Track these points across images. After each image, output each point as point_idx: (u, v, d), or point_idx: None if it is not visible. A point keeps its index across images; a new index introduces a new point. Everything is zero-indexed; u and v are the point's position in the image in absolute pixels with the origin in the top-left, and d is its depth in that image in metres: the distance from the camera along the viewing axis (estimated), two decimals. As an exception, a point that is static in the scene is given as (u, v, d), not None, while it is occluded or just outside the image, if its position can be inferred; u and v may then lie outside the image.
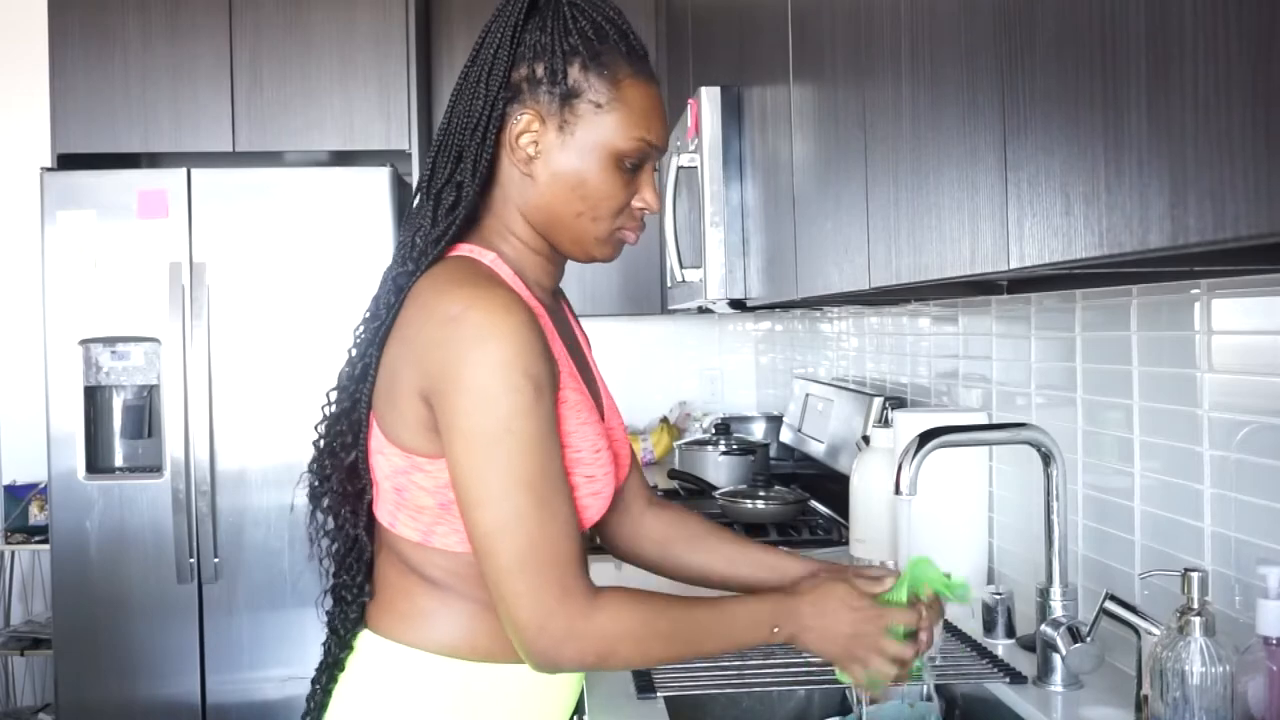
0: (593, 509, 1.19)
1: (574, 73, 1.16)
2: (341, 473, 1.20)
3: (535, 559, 1.07)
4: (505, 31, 1.16)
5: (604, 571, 1.89)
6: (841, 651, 1.19)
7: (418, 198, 1.23)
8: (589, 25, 1.16)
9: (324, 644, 1.27)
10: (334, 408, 1.22)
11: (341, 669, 1.24)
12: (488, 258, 1.19)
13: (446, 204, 1.18)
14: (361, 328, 1.22)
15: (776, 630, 1.17)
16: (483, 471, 1.07)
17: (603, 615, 1.10)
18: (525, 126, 1.17)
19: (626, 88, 1.17)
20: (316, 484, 1.24)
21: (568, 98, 1.16)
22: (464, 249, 1.20)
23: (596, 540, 1.41)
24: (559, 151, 1.17)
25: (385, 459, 1.17)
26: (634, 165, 1.19)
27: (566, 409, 1.16)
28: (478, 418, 1.07)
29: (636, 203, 1.21)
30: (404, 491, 1.16)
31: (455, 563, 1.17)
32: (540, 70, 1.16)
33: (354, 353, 1.21)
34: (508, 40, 1.16)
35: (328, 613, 1.27)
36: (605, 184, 1.18)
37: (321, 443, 1.24)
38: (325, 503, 1.24)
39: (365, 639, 1.23)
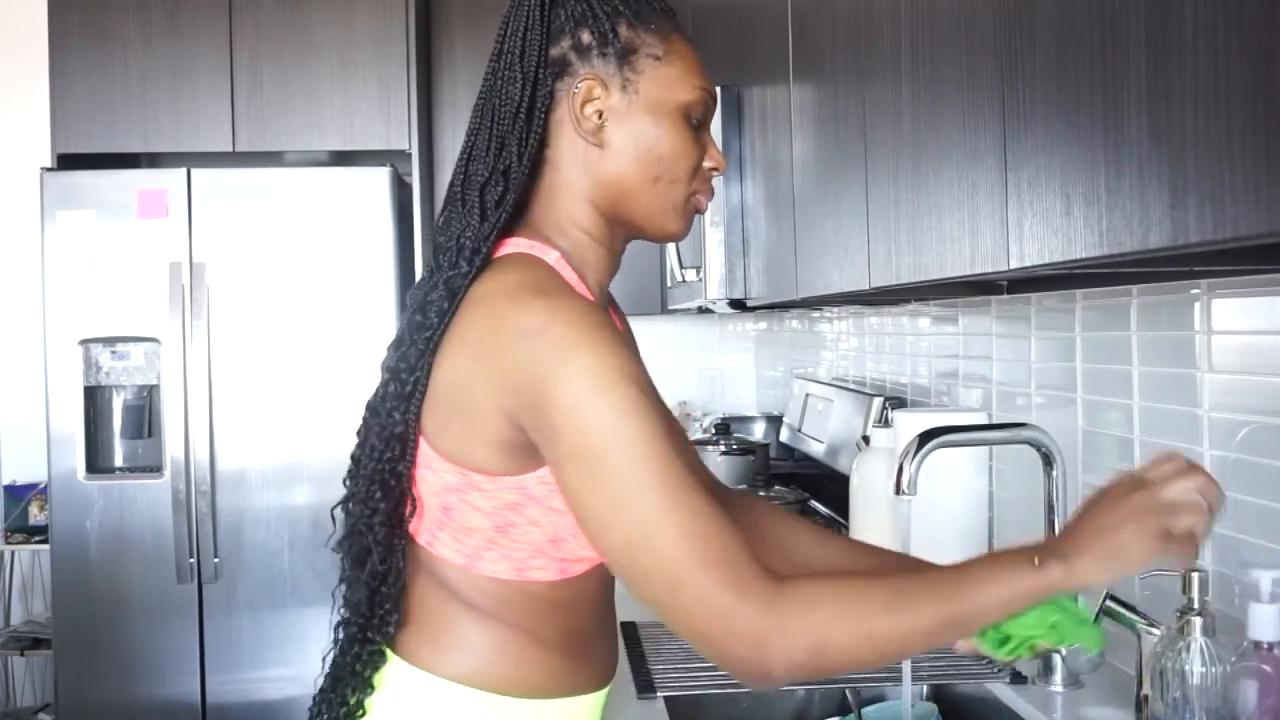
0: None
1: (624, 30, 1.10)
2: (391, 502, 1.10)
3: (691, 563, 0.94)
4: (531, 12, 1.10)
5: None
6: (1132, 537, 0.94)
7: (448, 210, 1.13)
8: None
9: (335, 679, 1.14)
10: (382, 433, 1.09)
11: (364, 712, 1.12)
12: (551, 256, 1.10)
13: (494, 197, 1.09)
14: (407, 341, 1.10)
15: (1038, 560, 0.94)
16: (602, 489, 0.97)
17: (796, 600, 0.93)
18: (587, 94, 1.09)
19: (674, 41, 1.13)
20: (366, 516, 1.11)
21: (625, 55, 1.10)
22: (519, 244, 1.11)
23: None
24: (627, 113, 1.10)
25: (434, 475, 1.08)
26: (699, 121, 1.13)
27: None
28: (581, 434, 0.97)
29: (707, 163, 1.15)
30: (452, 511, 1.07)
31: (503, 590, 1.08)
32: (586, 36, 1.10)
33: (400, 367, 1.09)
34: (536, 20, 1.10)
35: (342, 644, 1.15)
36: (679, 141, 1.11)
37: (365, 473, 1.11)
38: (371, 537, 1.10)
39: (397, 669, 1.11)
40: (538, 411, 0.99)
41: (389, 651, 1.12)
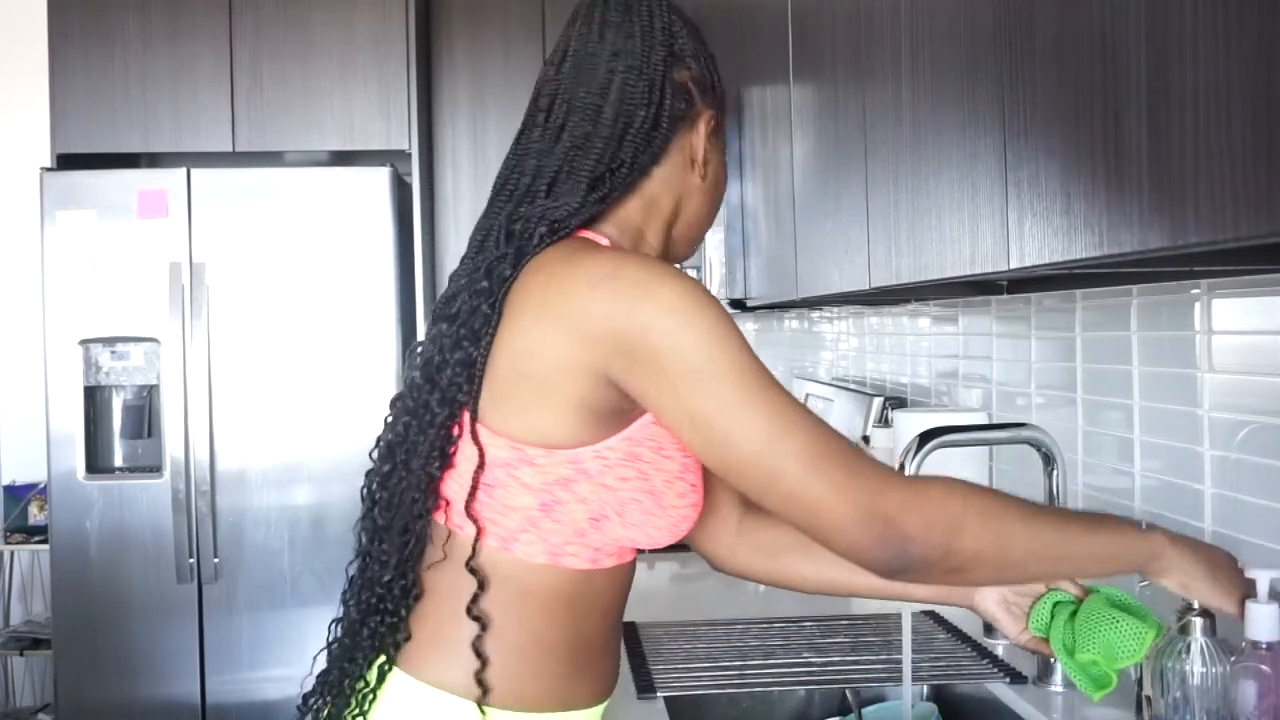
0: (693, 517, 1.11)
1: (720, 84, 1.19)
2: (430, 492, 1.08)
3: (826, 449, 0.96)
4: (656, 28, 1.13)
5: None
6: (1231, 578, 1.10)
7: (522, 167, 1.11)
8: (703, 39, 1.20)
9: (329, 676, 1.13)
10: (437, 397, 1.07)
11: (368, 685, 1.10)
12: (602, 242, 1.10)
13: (600, 192, 1.09)
14: (467, 308, 1.07)
15: (1145, 526, 1.07)
16: (725, 395, 0.97)
17: (936, 485, 0.98)
18: (709, 130, 1.16)
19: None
20: (423, 480, 1.08)
21: (720, 103, 1.19)
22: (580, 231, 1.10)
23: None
24: (715, 154, 1.19)
25: (487, 450, 1.04)
26: None
27: None
28: (688, 354, 0.97)
29: None
30: (496, 489, 1.05)
31: (531, 577, 1.06)
32: (700, 73, 1.16)
33: (463, 333, 1.06)
34: (659, 36, 1.13)
35: (341, 640, 1.13)
36: (726, 186, 1.24)
37: (429, 433, 1.07)
38: (427, 497, 1.08)
39: (393, 677, 1.09)
40: (631, 351, 0.98)
41: (394, 665, 1.09)
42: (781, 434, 0.96)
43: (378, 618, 1.09)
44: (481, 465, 1.05)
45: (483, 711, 1.05)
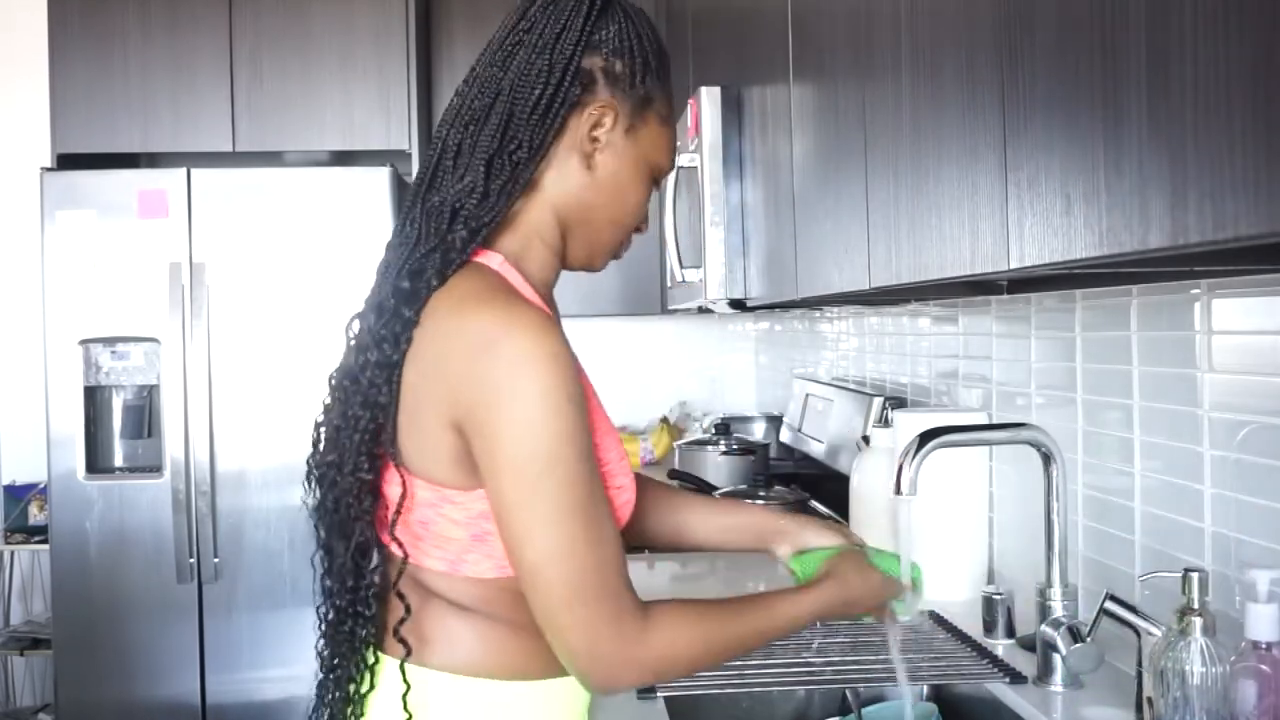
0: (624, 516, 1.15)
1: (650, 81, 1.16)
2: (376, 472, 1.12)
3: (586, 588, 1.03)
4: (575, 15, 1.13)
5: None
6: (857, 610, 1.29)
7: (443, 163, 1.13)
8: (653, 42, 1.18)
9: (326, 670, 1.18)
10: (359, 399, 1.10)
11: (362, 703, 1.16)
12: (495, 261, 1.12)
13: (500, 180, 1.11)
14: (390, 309, 1.09)
15: (818, 624, 1.26)
16: (531, 503, 1.02)
17: (658, 637, 1.07)
18: (600, 118, 1.14)
19: (670, 114, 1.21)
20: (354, 486, 1.12)
21: (642, 104, 1.16)
22: (476, 253, 1.13)
23: None
24: (620, 153, 1.16)
25: (416, 492, 1.10)
26: (655, 185, 1.22)
27: (594, 420, 1.10)
28: (525, 449, 1.01)
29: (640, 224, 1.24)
30: (430, 525, 1.11)
31: (485, 589, 1.12)
32: (620, 67, 1.14)
33: (384, 335, 1.09)
34: (578, 24, 1.12)
35: (333, 623, 1.17)
36: (640, 196, 1.20)
37: (352, 436, 1.11)
38: (361, 501, 1.12)
39: (386, 666, 1.15)
40: (484, 419, 1.03)
41: (380, 654, 1.15)
42: (562, 560, 1.03)
43: (351, 620, 1.15)
44: (404, 502, 1.10)
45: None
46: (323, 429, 1.18)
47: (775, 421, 3.60)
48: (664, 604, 1.10)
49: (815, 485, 2.91)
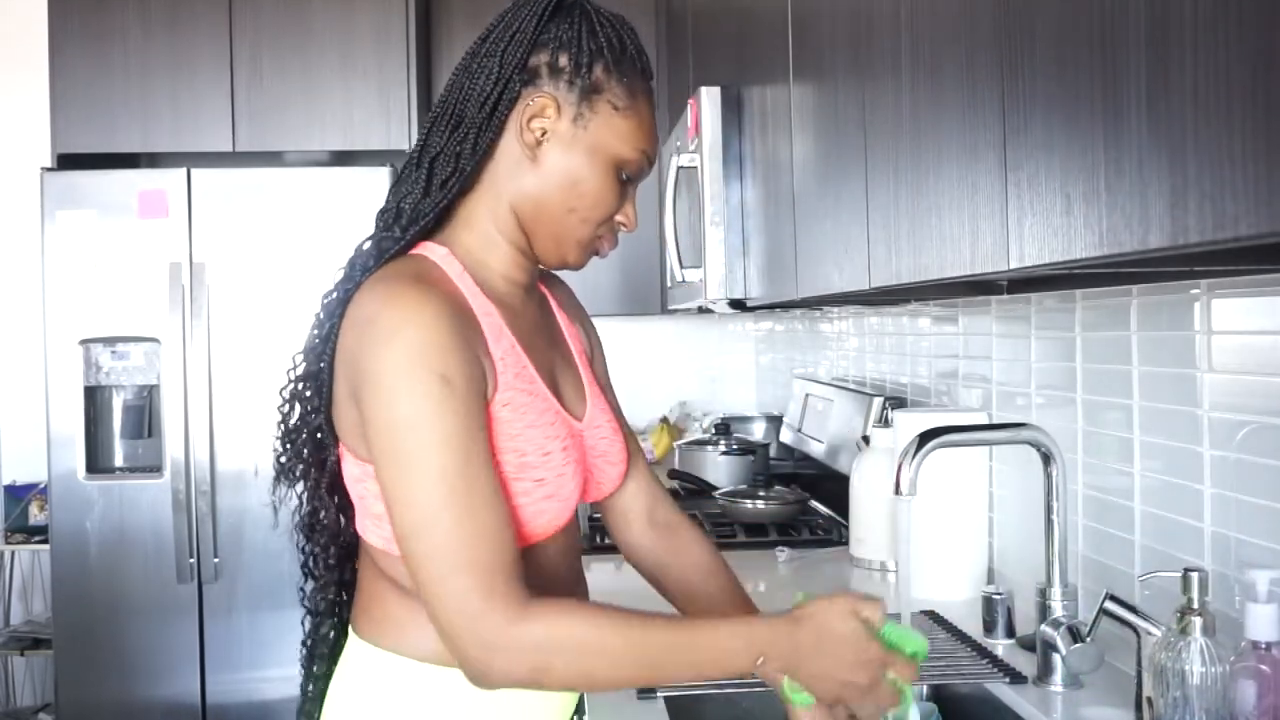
0: (550, 513, 1.15)
1: (598, 71, 1.17)
2: (311, 441, 1.20)
3: (454, 559, 1.02)
4: (528, 17, 1.16)
5: (602, 571, 1.89)
6: (833, 692, 1.08)
7: (406, 168, 1.21)
8: (614, 34, 1.19)
9: (306, 624, 1.27)
10: (299, 370, 1.21)
11: (334, 659, 1.23)
12: (438, 253, 1.18)
13: (441, 175, 1.16)
14: (335, 291, 1.19)
15: (762, 661, 1.06)
16: (396, 470, 1.05)
17: (536, 624, 1.01)
18: (539, 110, 1.16)
19: (640, 100, 1.20)
20: (284, 459, 1.23)
21: (588, 92, 1.16)
22: (419, 245, 1.19)
23: (601, 540, 1.39)
24: (568, 143, 1.17)
25: (346, 468, 1.17)
26: (628, 177, 1.20)
27: (507, 410, 1.12)
28: (386, 415, 1.05)
29: (619, 217, 1.22)
30: (364, 500, 1.16)
31: None
32: (564, 60, 1.16)
33: (321, 315, 1.19)
34: (530, 26, 1.16)
35: (301, 589, 1.28)
36: (603, 188, 1.18)
37: (287, 407, 1.23)
38: (297, 473, 1.23)
39: (350, 642, 1.22)
40: (361, 390, 1.08)
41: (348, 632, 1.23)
42: (428, 529, 1.03)
43: (321, 591, 1.25)
44: (333, 464, 1.19)
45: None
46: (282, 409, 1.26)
47: (775, 421, 3.60)
48: (560, 600, 1.07)
49: (815, 485, 2.91)
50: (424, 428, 1.03)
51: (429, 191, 1.17)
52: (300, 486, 1.22)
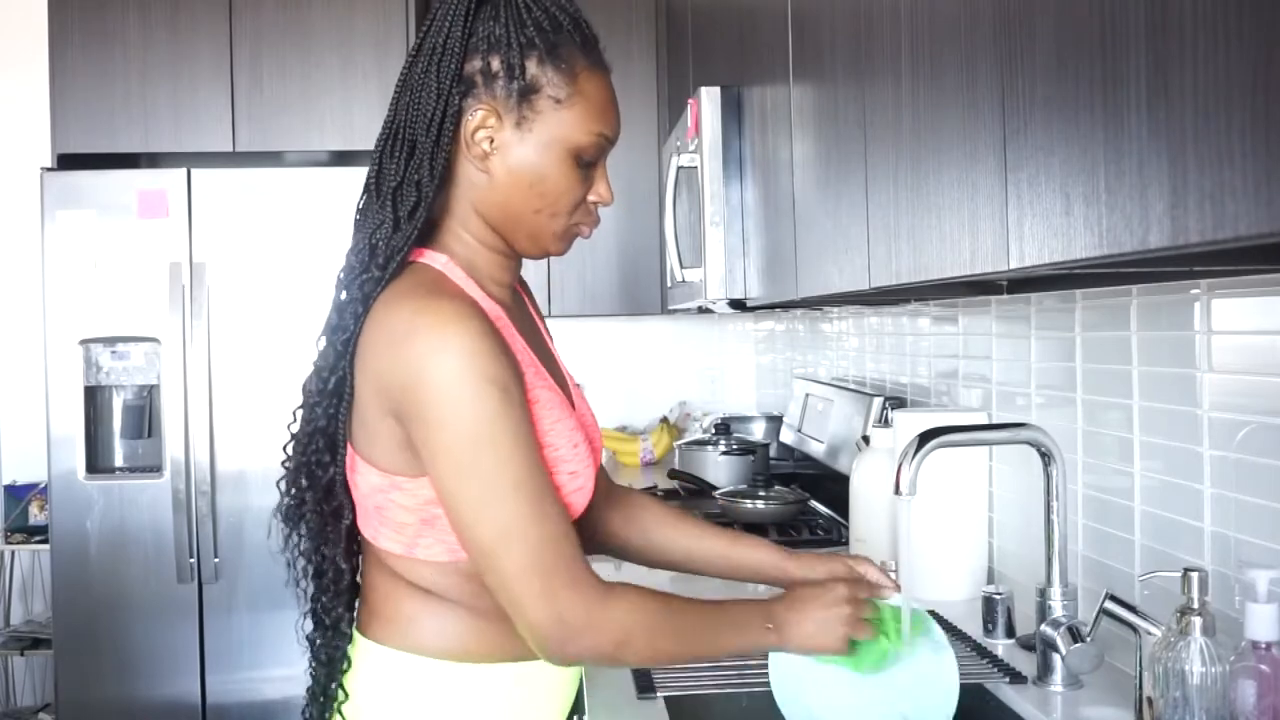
0: (578, 503, 1.18)
1: (532, 67, 1.13)
2: (319, 492, 1.19)
3: (542, 561, 1.06)
4: (455, 20, 1.13)
5: (603, 571, 1.89)
6: (831, 633, 1.20)
7: (366, 197, 1.19)
8: (544, 15, 1.14)
9: (311, 672, 1.25)
10: (306, 425, 1.19)
11: (339, 697, 1.22)
12: (439, 261, 1.18)
13: (407, 206, 1.14)
14: (324, 339, 1.17)
15: (770, 627, 1.18)
16: (469, 485, 1.06)
17: (619, 606, 1.09)
18: (481, 123, 1.14)
19: (583, 80, 1.15)
20: (292, 505, 1.23)
21: (526, 93, 1.13)
22: (419, 254, 1.19)
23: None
24: (517, 148, 1.14)
25: (363, 478, 1.16)
26: (590, 161, 1.18)
27: (539, 409, 1.14)
28: (451, 432, 1.05)
29: (591, 197, 1.20)
30: (384, 510, 1.15)
31: (440, 571, 1.16)
32: (496, 64, 1.13)
33: (321, 365, 1.17)
34: (458, 30, 1.13)
35: (309, 638, 1.25)
36: (563, 180, 1.16)
37: (292, 463, 1.23)
38: (304, 526, 1.23)
39: (359, 645, 1.23)
40: (411, 408, 1.07)
41: (355, 633, 1.23)
42: (512, 538, 1.06)
43: (326, 595, 1.24)
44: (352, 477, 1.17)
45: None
46: (293, 428, 1.26)
47: (775, 421, 3.60)
48: (628, 584, 1.13)
49: (815, 485, 2.91)
50: (493, 442, 1.05)
51: (399, 225, 1.15)
52: (307, 542, 1.24)
